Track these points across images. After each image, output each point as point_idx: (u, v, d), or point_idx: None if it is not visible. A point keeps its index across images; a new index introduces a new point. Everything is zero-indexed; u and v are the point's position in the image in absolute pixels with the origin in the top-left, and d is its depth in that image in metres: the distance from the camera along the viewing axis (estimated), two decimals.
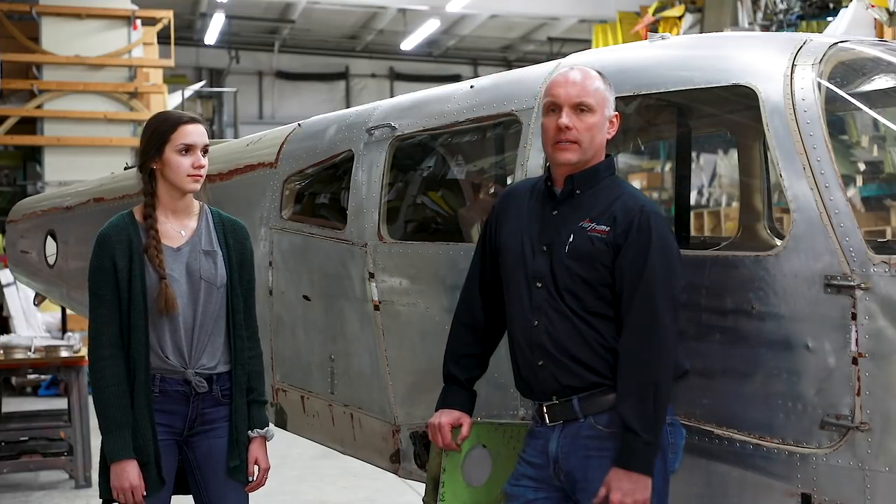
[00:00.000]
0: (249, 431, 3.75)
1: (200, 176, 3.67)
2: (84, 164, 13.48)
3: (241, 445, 3.73)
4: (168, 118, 3.71)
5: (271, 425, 3.87)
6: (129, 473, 3.55)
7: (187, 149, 3.63)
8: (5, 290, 13.07)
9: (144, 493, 3.58)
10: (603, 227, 3.18)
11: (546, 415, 3.25)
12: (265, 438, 3.80)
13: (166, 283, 3.59)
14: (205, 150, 3.69)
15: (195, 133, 3.66)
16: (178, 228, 3.72)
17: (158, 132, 3.66)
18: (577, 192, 3.26)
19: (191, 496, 3.83)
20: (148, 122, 3.77)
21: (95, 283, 3.64)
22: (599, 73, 3.31)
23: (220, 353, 3.71)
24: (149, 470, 3.59)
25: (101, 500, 3.70)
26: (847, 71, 3.57)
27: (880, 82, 3.74)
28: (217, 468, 3.72)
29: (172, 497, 3.78)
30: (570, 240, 3.20)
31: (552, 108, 3.25)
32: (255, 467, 3.77)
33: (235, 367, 3.72)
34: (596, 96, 3.23)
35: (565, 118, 3.21)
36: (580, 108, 3.21)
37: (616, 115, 3.31)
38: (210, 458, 3.72)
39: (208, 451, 3.72)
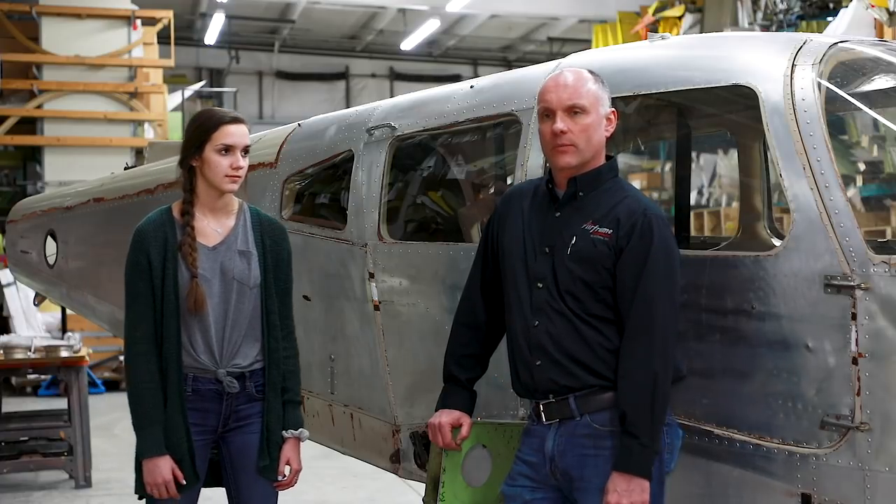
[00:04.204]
0: (283, 432, 3.74)
1: (238, 177, 3.66)
2: (84, 164, 13.48)
3: (273, 445, 3.72)
4: (212, 116, 3.69)
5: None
6: (162, 469, 3.56)
7: (227, 149, 3.63)
8: (5, 290, 13.07)
9: (182, 482, 3.60)
10: (606, 230, 3.17)
11: (543, 413, 3.25)
12: (299, 439, 3.79)
13: (197, 282, 3.59)
14: (245, 151, 3.68)
15: (237, 134, 3.65)
16: (216, 227, 3.71)
17: (201, 130, 3.66)
18: (580, 193, 3.25)
19: (223, 489, 3.85)
20: (192, 118, 3.77)
21: (131, 278, 3.65)
22: (591, 71, 3.30)
23: (255, 353, 3.71)
24: (183, 467, 3.61)
25: (136, 497, 3.72)
26: (847, 71, 3.57)
27: (880, 82, 3.74)
28: (248, 464, 3.72)
29: (209, 489, 3.80)
30: (573, 242, 3.20)
31: (546, 113, 3.25)
32: (287, 467, 3.76)
33: (270, 367, 3.71)
34: (588, 97, 3.22)
35: (560, 123, 3.20)
36: (573, 111, 3.21)
37: (613, 112, 3.29)
38: (242, 453, 3.73)
39: (241, 446, 3.72)
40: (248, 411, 3.71)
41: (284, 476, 3.77)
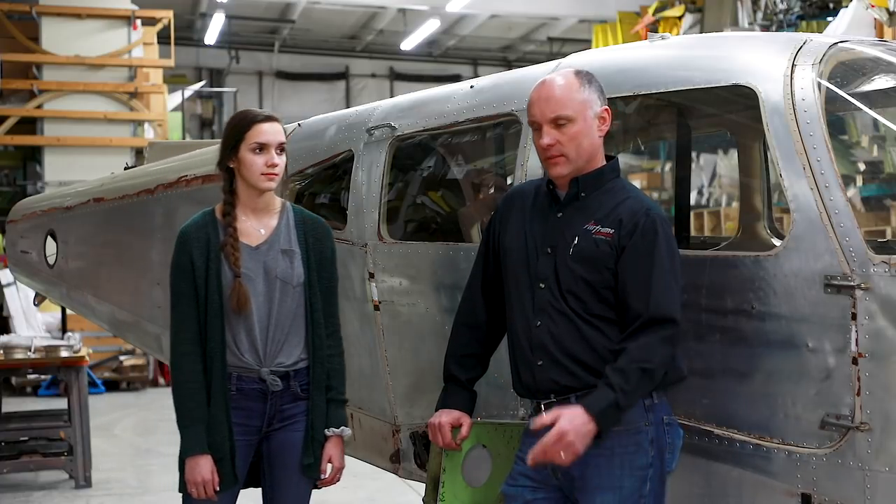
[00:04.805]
0: (326, 430, 3.76)
1: (275, 174, 3.69)
2: (84, 164, 13.48)
3: (317, 443, 3.75)
4: (245, 116, 3.74)
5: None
6: (202, 468, 3.60)
7: (261, 147, 3.66)
8: (5, 290, 13.08)
9: (217, 488, 3.62)
10: (608, 230, 3.17)
11: (544, 413, 3.25)
12: (341, 437, 3.80)
13: (240, 282, 3.62)
14: (281, 149, 3.70)
15: (270, 132, 3.68)
16: (258, 227, 3.74)
17: (235, 131, 3.70)
18: (583, 194, 3.25)
19: (257, 490, 3.87)
20: (228, 120, 3.83)
21: (175, 280, 3.70)
22: (579, 72, 3.27)
23: (299, 352, 3.73)
24: (223, 466, 3.63)
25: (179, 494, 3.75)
26: (847, 71, 3.57)
27: (880, 82, 3.74)
28: (287, 461, 3.75)
29: (245, 491, 3.83)
30: (575, 242, 3.20)
31: (535, 126, 3.26)
32: (329, 465, 3.78)
33: (314, 365, 3.74)
34: (572, 105, 3.19)
35: (546, 137, 3.20)
36: (559, 122, 3.19)
37: (605, 110, 3.26)
38: (283, 450, 3.75)
39: (283, 444, 3.75)
40: (292, 410, 3.74)
41: (325, 475, 3.79)
